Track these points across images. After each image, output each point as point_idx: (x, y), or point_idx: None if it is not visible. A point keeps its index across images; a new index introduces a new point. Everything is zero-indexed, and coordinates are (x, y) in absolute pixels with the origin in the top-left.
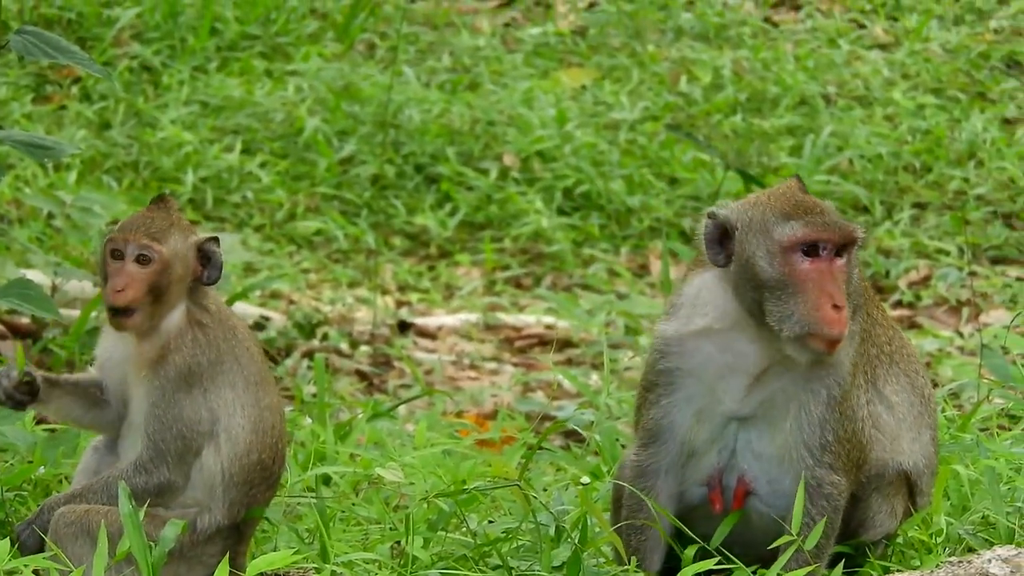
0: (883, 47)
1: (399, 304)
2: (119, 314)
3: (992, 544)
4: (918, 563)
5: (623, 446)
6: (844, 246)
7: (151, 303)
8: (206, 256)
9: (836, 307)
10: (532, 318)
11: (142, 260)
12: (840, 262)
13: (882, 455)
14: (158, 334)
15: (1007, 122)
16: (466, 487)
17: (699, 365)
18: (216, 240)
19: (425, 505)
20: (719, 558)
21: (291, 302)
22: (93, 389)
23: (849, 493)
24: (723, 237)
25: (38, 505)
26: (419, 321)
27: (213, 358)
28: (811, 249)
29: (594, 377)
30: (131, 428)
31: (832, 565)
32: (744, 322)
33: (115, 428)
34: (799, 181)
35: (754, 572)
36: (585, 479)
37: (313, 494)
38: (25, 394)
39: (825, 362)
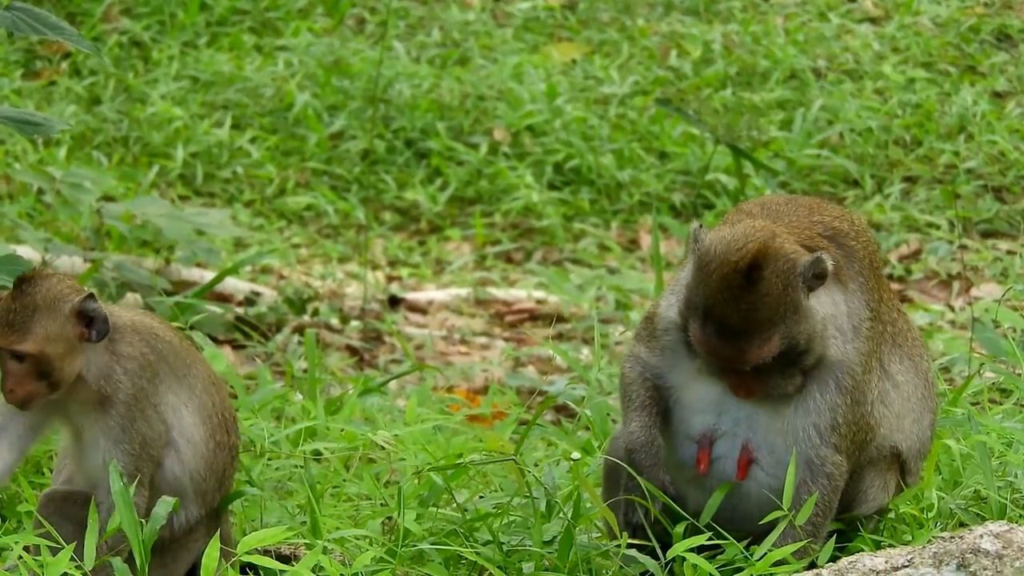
0: (873, 21)
1: (389, 279)
2: (20, 405)
3: (984, 519)
4: (910, 538)
5: (614, 421)
6: None
7: (47, 384)
8: (88, 317)
9: None
10: (523, 293)
11: (16, 358)
12: None
13: (886, 433)
14: (86, 385)
15: (997, 95)
16: (460, 461)
17: None
18: (92, 296)
19: (416, 480)
20: (710, 533)
21: (281, 277)
22: None
23: (849, 473)
24: None
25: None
26: (409, 296)
27: (150, 375)
28: None
29: (585, 352)
30: (86, 461)
31: (824, 540)
32: None
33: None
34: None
35: (746, 547)
36: (576, 454)
37: (303, 470)
38: None
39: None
